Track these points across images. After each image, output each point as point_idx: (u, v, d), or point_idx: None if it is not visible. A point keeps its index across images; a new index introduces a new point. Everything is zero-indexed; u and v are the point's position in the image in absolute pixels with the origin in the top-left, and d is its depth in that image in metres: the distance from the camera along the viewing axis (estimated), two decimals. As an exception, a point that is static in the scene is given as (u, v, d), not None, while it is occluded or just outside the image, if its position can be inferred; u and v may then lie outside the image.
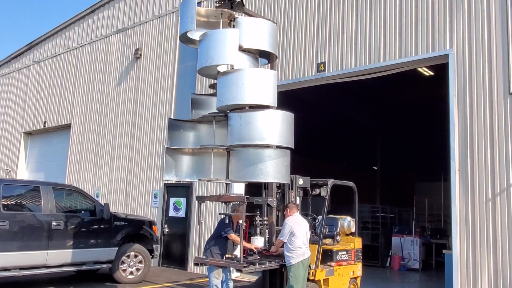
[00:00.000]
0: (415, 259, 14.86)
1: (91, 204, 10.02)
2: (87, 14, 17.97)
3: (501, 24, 8.53)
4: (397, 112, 19.84)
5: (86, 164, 16.37)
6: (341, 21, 10.72)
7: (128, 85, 15.56)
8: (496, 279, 8.03)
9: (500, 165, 8.24)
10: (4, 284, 9.60)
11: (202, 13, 8.00)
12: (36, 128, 19.15)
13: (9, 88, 21.50)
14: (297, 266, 7.21)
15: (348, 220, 9.56)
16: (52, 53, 19.39)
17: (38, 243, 8.87)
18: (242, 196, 7.88)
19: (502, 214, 8.12)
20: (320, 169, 13.82)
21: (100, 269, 10.27)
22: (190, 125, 8.57)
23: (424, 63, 9.71)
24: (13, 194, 8.98)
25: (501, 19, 8.55)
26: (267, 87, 7.26)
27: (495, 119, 8.39)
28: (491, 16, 8.66)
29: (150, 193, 13.91)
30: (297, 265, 7.20)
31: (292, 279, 7.13)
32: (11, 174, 19.61)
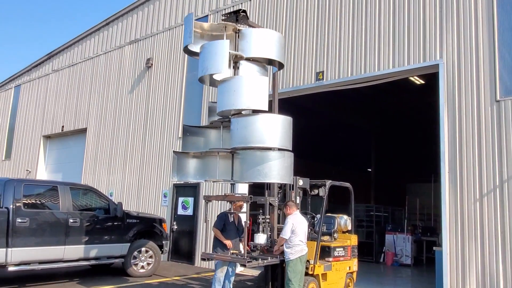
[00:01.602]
0: (407, 255, 14.83)
1: (105, 203, 10.03)
2: (102, 26, 18.04)
3: (488, 36, 8.53)
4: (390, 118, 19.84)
5: (100, 165, 16.40)
6: (338, 33, 10.74)
7: (140, 92, 15.59)
8: (484, 274, 8.00)
9: (487, 168, 8.22)
10: (24, 277, 9.61)
11: (206, 27, 8.05)
12: (55, 132, 19.21)
13: (30, 95, 21.57)
14: (296, 262, 7.21)
15: (344, 218, 9.54)
16: (69, 63, 19.46)
17: (56, 239, 8.87)
18: (246, 196, 7.90)
19: (489, 213, 8.10)
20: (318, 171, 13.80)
21: (114, 263, 10.27)
22: (201, 130, 8.64)
23: (416, 72, 9.71)
24: (33, 193, 8.98)
25: (488, 31, 8.54)
26: (260, 92, 7.27)
27: (483, 125, 8.37)
28: (479, 28, 8.65)
29: (160, 193, 13.92)
30: (295, 261, 7.20)
31: (291, 274, 7.14)
32: (31, 174, 19.66)
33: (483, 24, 8.63)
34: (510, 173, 7.98)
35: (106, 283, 9.39)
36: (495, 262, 7.90)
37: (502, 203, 7.99)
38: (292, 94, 11.47)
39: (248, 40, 7.80)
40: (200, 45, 7.65)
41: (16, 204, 8.44)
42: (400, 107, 17.55)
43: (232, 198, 7.86)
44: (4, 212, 8.29)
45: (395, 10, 9.85)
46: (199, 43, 7.81)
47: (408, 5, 9.67)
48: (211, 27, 8.11)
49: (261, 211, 8.29)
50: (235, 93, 7.12)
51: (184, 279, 10.23)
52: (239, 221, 8.25)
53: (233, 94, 7.14)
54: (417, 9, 9.52)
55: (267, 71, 8.44)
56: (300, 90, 11.27)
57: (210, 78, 7.84)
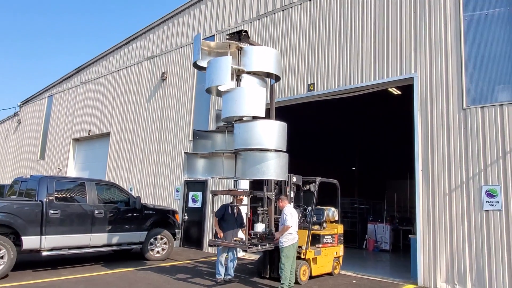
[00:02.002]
0: (386, 242, 14.81)
1: (126, 197, 10.02)
2: (124, 44, 18.06)
3: (456, 52, 8.54)
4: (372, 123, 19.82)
5: (122, 164, 16.40)
6: (327, 50, 10.75)
7: (156, 101, 15.60)
8: (452, 257, 8.00)
9: (455, 166, 8.23)
10: (56, 260, 9.62)
11: (212, 46, 8.08)
12: (82, 135, 19.21)
13: (61, 104, 21.58)
14: (289, 248, 7.21)
15: (332, 210, 9.55)
16: (95, 76, 19.48)
17: (83, 227, 8.88)
18: (248, 191, 7.91)
19: (456, 205, 8.10)
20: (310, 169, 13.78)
21: (133, 249, 10.25)
22: (209, 134, 8.67)
23: (394, 84, 9.71)
24: (64, 188, 8.98)
25: (456, 48, 8.55)
26: (259, 101, 7.30)
27: (451, 130, 8.38)
28: (448, 46, 8.67)
29: (173, 188, 13.92)
30: (288, 247, 7.20)
31: (284, 258, 7.14)
32: (62, 172, 19.66)
33: (451, 42, 8.64)
34: (475, 171, 7.98)
35: (127, 265, 9.37)
36: (462, 247, 7.90)
37: (468, 197, 7.99)
38: (287, 103, 11.47)
39: (249, 56, 7.83)
40: (207, 61, 7.70)
41: (49, 197, 8.46)
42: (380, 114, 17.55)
43: (235, 192, 7.89)
44: (39, 205, 8.31)
45: (376, 31, 9.86)
46: (206, 59, 7.85)
47: (386, 26, 9.69)
48: (217, 45, 8.14)
49: (260, 204, 8.32)
50: (237, 102, 7.15)
51: (193, 263, 10.22)
52: (239, 213, 8.25)
53: (236, 103, 7.17)
54: (394, 30, 9.54)
55: (265, 83, 8.47)
56: (294, 99, 11.28)
57: (216, 89, 7.88)
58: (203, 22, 14.50)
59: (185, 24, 15.20)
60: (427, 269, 8.25)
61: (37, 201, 8.35)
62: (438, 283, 8.07)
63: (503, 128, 7.80)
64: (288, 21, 11.88)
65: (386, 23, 9.71)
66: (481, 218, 7.78)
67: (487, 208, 7.74)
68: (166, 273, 8.68)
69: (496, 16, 8.22)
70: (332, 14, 10.86)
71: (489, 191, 7.77)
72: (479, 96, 8.19)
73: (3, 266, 7.61)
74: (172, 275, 8.47)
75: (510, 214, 7.50)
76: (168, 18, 15.96)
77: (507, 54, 7.97)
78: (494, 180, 7.76)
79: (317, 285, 7.90)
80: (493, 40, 8.18)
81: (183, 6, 15.31)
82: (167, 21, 16.01)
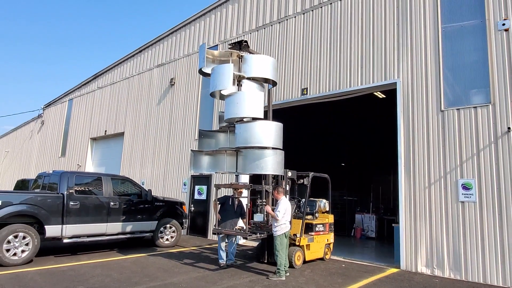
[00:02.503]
0: (372, 230, 14.81)
1: (139, 190, 10.01)
2: (136, 53, 18.01)
3: (435, 60, 8.53)
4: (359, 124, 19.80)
5: (135, 161, 16.38)
6: (319, 58, 10.73)
7: (165, 104, 15.57)
8: (431, 244, 8.00)
9: (434, 162, 8.22)
10: (76, 247, 9.63)
11: (216, 54, 8.06)
12: (99, 135, 19.19)
13: (80, 106, 21.55)
14: (282, 236, 7.18)
15: (324, 202, 9.55)
16: (111, 81, 19.44)
17: (100, 217, 8.88)
18: (248, 184, 7.89)
19: (435, 197, 8.10)
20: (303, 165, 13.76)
21: (145, 237, 10.26)
22: (213, 134, 8.66)
23: (379, 88, 9.69)
24: (82, 182, 8.97)
25: (435, 56, 8.54)
26: (257, 104, 7.29)
27: (430, 129, 8.37)
28: (428, 54, 8.65)
29: (181, 182, 13.91)
30: (281, 235, 7.17)
31: (278, 245, 7.11)
32: (81, 168, 19.65)
33: (431, 51, 8.63)
34: (452, 167, 7.97)
35: (139, 251, 9.37)
36: (440, 235, 7.90)
37: (445, 190, 7.99)
38: (284, 106, 11.45)
39: (249, 63, 7.83)
40: (211, 68, 7.68)
41: (69, 191, 8.45)
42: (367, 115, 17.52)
43: (237, 186, 7.88)
44: (60, 197, 8.30)
45: (362, 41, 9.84)
46: (210, 66, 7.84)
47: (372, 36, 9.67)
48: (220, 53, 8.13)
49: (259, 196, 8.30)
50: (238, 105, 7.15)
51: (199, 249, 10.21)
52: (240, 204, 8.21)
53: (237, 106, 7.16)
54: (379, 39, 9.52)
55: (264, 87, 8.45)
56: (289, 102, 11.26)
57: (219, 93, 7.86)
58: (207, 33, 14.47)
59: (192, 34, 15.17)
60: (409, 255, 8.25)
61: (58, 194, 8.34)
62: (419, 267, 8.07)
63: (477, 128, 7.79)
64: (284, 32, 11.85)
65: (372, 34, 9.69)
66: (457, 209, 7.78)
67: (462, 199, 7.74)
68: (175, 258, 8.67)
69: (471, 28, 8.21)
70: (324, 25, 10.84)
71: (465, 185, 7.76)
72: (455, 99, 8.18)
73: (28, 252, 7.61)
74: (180, 260, 8.47)
75: (483, 205, 7.50)
76: (176, 29, 15.92)
77: (480, 62, 7.95)
78: (469, 175, 7.76)
79: (310, 269, 7.90)
80: (468, 49, 8.17)
81: (189, 19, 15.27)
82: (175, 32, 15.97)
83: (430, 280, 7.37)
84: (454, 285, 6.98)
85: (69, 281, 6.29)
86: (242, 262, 8.41)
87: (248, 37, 12.78)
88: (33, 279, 6.38)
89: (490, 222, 7.37)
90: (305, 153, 21.14)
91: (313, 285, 6.53)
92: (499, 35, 7.80)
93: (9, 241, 7.37)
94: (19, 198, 7.80)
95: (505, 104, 7.53)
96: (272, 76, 8.01)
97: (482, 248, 7.39)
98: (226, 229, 7.78)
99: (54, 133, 23.46)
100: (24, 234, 7.57)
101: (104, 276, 6.72)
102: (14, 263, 7.36)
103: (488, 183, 7.51)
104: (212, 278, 6.81)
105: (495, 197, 7.40)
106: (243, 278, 6.91)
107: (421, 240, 8.13)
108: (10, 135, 29.85)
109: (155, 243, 10.16)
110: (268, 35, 12.28)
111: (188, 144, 13.94)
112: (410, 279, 7.34)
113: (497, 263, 7.19)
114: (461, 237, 7.65)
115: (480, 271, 7.33)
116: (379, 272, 7.96)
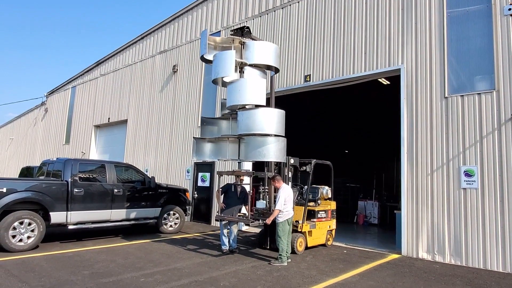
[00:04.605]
0: (375, 217, 14.90)
1: (142, 177, 10.07)
2: (138, 40, 17.91)
3: (439, 46, 8.42)
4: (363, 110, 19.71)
5: (138, 148, 16.46)
6: (322, 44, 10.63)
7: (168, 91, 15.55)
8: (433, 231, 8.05)
9: (437, 149, 8.21)
10: (81, 233, 9.77)
11: (218, 41, 8.00)
12: (103, 122, 19.26)
13: (83, 94, 21.57)
14: (284, 223, 7.22)
15: (326, 188, 9.58)
16: (113, 68, 19.40)
17: (104, 204, 8.97)
18: (250, 171, 7.93)
19: (437, 184, 8.11)
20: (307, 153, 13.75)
21: (149, 223, 10.38)
22: (215, 121, 8.66)
23: (382, 75, 9.62)
24: (86, 170, 9.03)
25: (439, 41, 8.43)
26: (259, 91, 7.25)
27: (434, 116, 8.33)
28: (432, 39, 8.55)
29: (184, 169, 13.99)
30: (284, 222, 7.21)
31: (280, 232, 7.17)
32: (85, 155, 19.79)
33: (435, 36, 8.51)
34: (454, 154, 7.96)
35: (143, 238, 9.50)
36: (441, 221, 7.94)
37: (447, 177, 7.99)
38: (287, 92, 11.40)
39: (251, 50, 7.77)
40: (213, 54, 7.63)
41: (73, 178, 8.53)
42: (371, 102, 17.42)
43: (239, 173, 7.92)
44: (64, 184, 8.39)
45: (366, 26, 9.73)
46: (212, 52, 7.79)
47: (376, 22, 9.55)
48: (222, 40, 8.07)
49: (261, 183, 8.34)
50: (240, 92, 7.13)
51: (202, 235, 10.34)
52: (243, 191, 8.24)
53: (239, 93, 7.15)
54: (383, 25, 9.40)
55: (266, 74, 8.41)
56: (292, 89, 11.20)
57: (221, 80, 7.83)
58: (210, 19, 14.33)
59: (194, 20, 15.03)
60: (410, 241, 8.31)
61: (62, 181, 8.42)
62: (420, 253, 8.14)
63: (480, 115, 7.74)
64: (287, 18, 11.72)
65: (376, 19, 9.56)
66: (459, 196, 7.79)
67: (464, 186, 7.75)
68: (178, 244, 8.79)
69: (476, 13, 8.07)
70: (327, 11, 10.69)
71: (467, 171, 7.76)
72: (459, 85, 8.11)
73: (34, 238, 7.74)
74: (183, 246, 8.59)
75: (485, 192, 7.51)
76: (178, 15, 15.77)
77: (485, 48, 7.84)
78: (471, 162, 7.74)
79: (312, 255, 7.99)
80: (473, 34, 8.05)
81: (192, 4, 15.12)
82: (178, 18, 15.83)
83: (431, 265, 7.44)
84: (454, 271, 7.05)
85: (74, 266, 6.42)
86: (245, 248, 8.51)
87: (251, 23, 12.65)
88: (39, 264, 6.51)
89: (492, 209, 7.39)
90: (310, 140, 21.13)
91: (314, 271, 6.62)
92: (505, 20, 7.67)
93: (14, 228, 7.50)
94: (24, 185, 7.90)
95: (509, 91, 7.46)
96: (275, 63, 7.95)
97: (483, 234, 7.43)
98: (229, 216, 7.85)
99: (58, 120, 23.57)
100: (29, 220, 7.69)
101: (109, 261, 6.84)
102: (20, 249, 7.50)
103: (490, 170, 7.50)
104: (215, 264, 6.91)
105: (497, 184, 7.40)
106: (246, 263, 7.01)
107: (422, 226, 8.18)
108: (14, 122, 30.02)
109: (159, 229, 10.28)
110: (271, 21, 12.15)
111: (191, 131, 13.96)
112: (411, 265, 7.42)
113: (497, 249, 7.23)
114: (462, 223, 7.69)
115: (481, 257, 7.39)
116: (380, 258, 8.04)
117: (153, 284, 5.52)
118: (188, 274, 6.10)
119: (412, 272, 6.85)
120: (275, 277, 6.09)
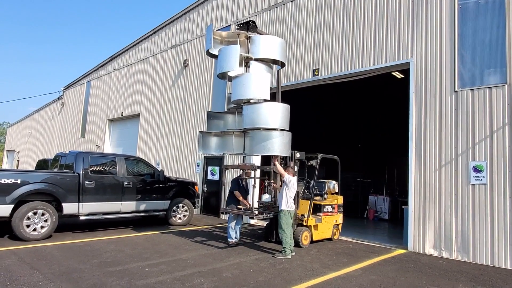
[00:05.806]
0: (385, 212, 14.78)
1: (152, 170, 10.24)
2: (150, 35, 18.10)
3: (450, 39, 8.26)
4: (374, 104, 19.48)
5: (150, 141, 16.72)
6: (331, 38, 10.55)
7: (179, 86, 15.71)
8: (440, 226, 7.97)
9: (445, 144, 8.09)
10: (92, 224, 10.04)
11: (224, 35, 8.03)
12: (116, 116, 19.59)
13: (97, 89, 21.97)
14: (287, 216, 7.29)
15: (333, 183, 9.56)
16: (126, 63, 19.67)
17: (115, 196, 9.17)
18: (254, 165, 7.99)
19: (445, 180, 8.01)
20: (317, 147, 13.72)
21: (159, 215, 10.57)
22: (221, 115, 8.72)
23: (392, 69, 9.50)
24: (98, 163, 9.24)
25: (450, 34, 8.27)
26: (264, 85, 7.27)
27: (443, 111, 8.20)
28: (443, 32, 8.39)
29: (194, 163, 14.16)
30: (286, 213, 7.29)
31: (283, 225, 7.25)
32: (100, 149, 20.21)
33: (446, 29, 8.35)
34: (464, 149, 7.83)
35: (153, 229, 9.70)
36: (449, 217, 7.85)
37: (456, 172, 7.88)
38: (294, 87, 11.38)
39: (256, 44, 7.79)
40: (216, 49, 7.67)
41: (85, 170, 8.76)
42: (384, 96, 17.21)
43: (244, 167, 7.97)
44: (76, 176, 8.63)
45: (376, 19, 9.60)
46: (218, 47, 7.83)
47: (386, 15, 9.41)
48: (227, 34, 8.11)
49: (267, 177, 8.40)
50: (245, 86, 7.17)
51: (210, 228, 10.48)
52: (247, 184, 8.35)
53: (243, 87, 7.19)
54: (393, 18, 9.26)
55: (272, 69, 8.41)
56: (301, 83, 11.17)
57: (227, 74, 7.88)
58: (220, 14, 14.36)
59: (204, 15, 15.09)
60: (417, 236, 8.25)
61: (74, 173, 8.67)
62: (426, 248, 8.08)
63: (491, 109, 7.59)
64: (296, 11, 11.65)
65: (386, 12, 9.43)
66: (468, 191, 7.68)
67: (473, 182, 7.63)
68: (186, 236, 8.95)
69: (489, 4, 7.87)
70: (336, 3, 10.59)
71: (476, 167, 7.63)
72: (470, 79, 7.95)
73: (47, 228, 8.01)
74: (190, 237, 8.74)
75: (494, 188, 7.38)
76: (189, 10, 15.86)
77: (498, 41, 7.65)
78: (481, 157, 7.61)
79: (317, 249, 8.03)
80: (485, 27, 7.86)
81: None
82: (188, 13, 15.92)
83: (437, 261, 7.38)
84: (460, 267, 6.98)
85: (84, 255, 6.63)
86: (251, 241, 8.61)
87: (261, 17, 12.63)
88: (51, 253, 6.75)
89: (501, 205, 7.26)
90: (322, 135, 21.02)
91: (318, 264, 6.66)
92: (518, 12, 7.46)
93: (29, 217, 7.78)
94: (37, 177, 8.16)
95: (521, 84, 7.27)
96: (281, 57, 7.95)
97: (491, 230, 7.31)
98: (235, 209, 7.95)
99: (74, 114, 24.09)
100: (42, 211, 7.95)
101: (117, 251, 7.03)
102: (34, 238, 7.77)
103: (500, 166, 7.36)
104: (219, 255, 7.03)
105: (506, 180, 7.26)
106: (250, 256, 7.10)
107: (429, 221, 8.10)
108: (33, 116, 30.83)
109: (168, 221, 10.47)
110: (280, 15, 12.10)
111: (201, 125, 14.08)
112: (416, 260, 7.37)
113: (505, 245, 7.12)
114: (470, 219, 7.58)
115: (488, 253, 7.28)
116: (385, 252, 8.01)
117: (158, 273, 5.67)
118: (193, 265, 6.23)
119: (416, 267, 6.82)
120: (277, 270, 6.16)
